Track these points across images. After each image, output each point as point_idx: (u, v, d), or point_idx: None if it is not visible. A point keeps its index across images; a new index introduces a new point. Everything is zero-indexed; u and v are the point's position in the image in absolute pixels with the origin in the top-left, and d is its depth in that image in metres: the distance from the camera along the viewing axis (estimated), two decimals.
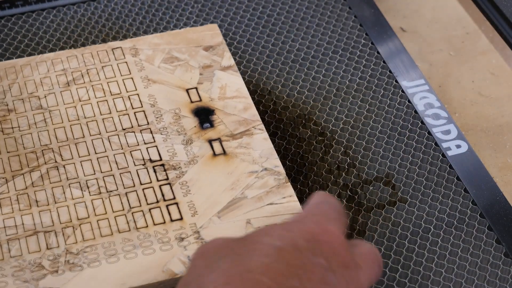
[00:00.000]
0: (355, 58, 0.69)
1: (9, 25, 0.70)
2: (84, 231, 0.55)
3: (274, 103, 0.65)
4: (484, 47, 0.75)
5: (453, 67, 0.73)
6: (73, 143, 0.60)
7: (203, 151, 0.59)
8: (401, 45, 0.70)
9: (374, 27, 0.71)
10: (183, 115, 0.62)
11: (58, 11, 0.72)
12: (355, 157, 0.62)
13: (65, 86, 0.64)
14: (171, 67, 0.65)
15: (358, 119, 0.64)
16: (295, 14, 0.72)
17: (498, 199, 0.59)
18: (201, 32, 0.68)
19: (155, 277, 0.53)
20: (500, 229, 0.57)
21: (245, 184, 0.58)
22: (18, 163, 0.59)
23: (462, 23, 0.77)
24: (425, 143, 0.63)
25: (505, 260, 0.56)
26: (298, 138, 0.63)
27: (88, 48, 0.66)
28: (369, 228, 0.58)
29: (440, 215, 0.58)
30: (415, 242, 0.57)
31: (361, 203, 0.59)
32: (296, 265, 0.44)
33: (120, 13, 0.72)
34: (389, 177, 0.61)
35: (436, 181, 0.60)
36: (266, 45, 0.70)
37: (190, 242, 0.54)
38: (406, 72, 0.68)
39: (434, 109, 0.65)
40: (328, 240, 0.46)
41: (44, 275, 0.53)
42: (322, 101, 0.66)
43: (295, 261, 0.44)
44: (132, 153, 0.59)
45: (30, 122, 0.61)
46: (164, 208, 0.56)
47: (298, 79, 0.67)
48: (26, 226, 0.55)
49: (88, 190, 0.57)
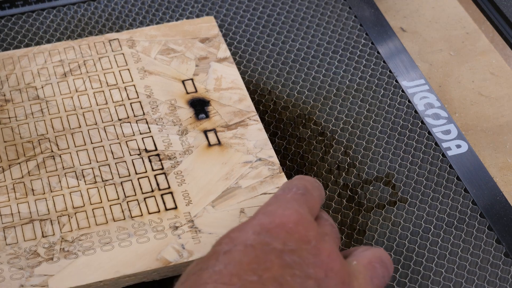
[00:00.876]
0: (355, 58, 0.69)
1: (9, 25, 0.70)
2: (80, 219, 0.56)
3: (274, 103, 0.65)
4: (484, 47, 0.75)
5: (453, 67, 0.73)
6: (69, 133, 0.61)
7: (198, 141, 0.60)
8: (401, 45, 0.70)
9: (374, 27, 0.71)
10: (179, 106, 0.62)
11: (58, 11, 0.72)
12: (355, 157, 0.62)
13: (62, 77, 0.64)
14: (168, 58, 0.66)
15: (358, 119, 0.64)
16: (295, 14, 0.72)
17: (498, 199, 0.59)
18: (198, 24, 0.68)
19: (149, 265, 0.53)
20: (500, 229, 0.57)
21: (239, 174, 0.58)
22: (15, 152, 0.59)
23: (462, 23, 0.77)
24: (425, 143, 0.63)
25: (505, 260, 0.56)
26: (298, 138, 0.63)
27: (85, 40, 0.67)
28: (369, 228, 0.58)
29: (440, 215, 0.58)
30: (415, 242, 0.57)
31: (361, 203, 0.59)
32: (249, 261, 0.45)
33: (120, 13, 0.72)
34: (389, 177, 0.61)
35: (436, 181, 0.60)
36: (266, 45, 0.70)
37: (184, 230, 0.55)
38: (406, 72, 0.68)
39: (434, 109, 0.65)
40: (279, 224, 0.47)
41: (39, 262, 0.53)
42: (322, 101, 0.66)
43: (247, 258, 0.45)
44: (128, 143, 0.60)
45: (27, 112, 0.62)
46: (159, 197, 0.57)
47: (298, 79, 0.67)
48: (22, 214, 0.56)
49: (83, 179, 0.58)
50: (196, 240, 0.54)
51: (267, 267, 0.45)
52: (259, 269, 0.45)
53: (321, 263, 0.46)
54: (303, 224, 0.47)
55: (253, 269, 0.44)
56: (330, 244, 0.47)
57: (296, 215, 0.47)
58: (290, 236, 0.46)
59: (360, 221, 0.58)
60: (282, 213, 0.47)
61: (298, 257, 0.45)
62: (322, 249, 0.46)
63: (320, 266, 0.46)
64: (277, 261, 0.45)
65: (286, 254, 0.45)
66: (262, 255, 0.45)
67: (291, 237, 0.46)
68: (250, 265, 0.45)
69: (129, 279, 0.53)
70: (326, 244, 0.47)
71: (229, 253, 0.45)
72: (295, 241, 0.46)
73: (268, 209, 0.48)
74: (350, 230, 0.58)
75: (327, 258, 0.46)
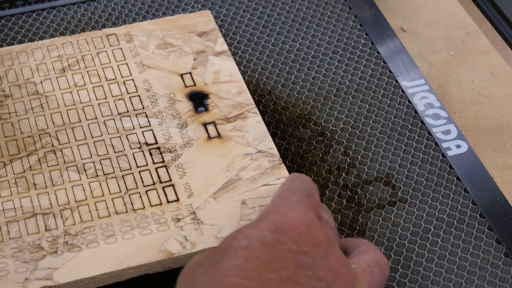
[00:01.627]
0: (355, 58, 0.69)
1: (9, 25, 0.71)
2: (82, 212, 0.56)
3: (274, 103, 0.65)
4: (484, 47, 0.75)
5: (453, 67, 0.73)
6: (69, 128, 0.61)
7: (198, 134, 0.60)
8: (401, 45, 0.70)
9: (374, 27, 0.71)
10: (178, 99, 0.62)
11: (58, 11, 0.72)
12: (355, 157, 0.62)
13: (61, 72, 0.64)
14: (165, 52, 0.66)
15: (358, 119, 0.64)
16: (295, 14, 0.72)
17: (498, 199, 0.59)
18: (194, 18, 0.68)
19: (152, 257, 0.53)
20: (500, 229, 0.57)
21: (240, 166, 0.58)
22: (16, 147, 0.59)
23: (462, 23, 0.77)
24: (425, 143, 0.63)
25: (505, 260, 0.56)
26: (298, 138, 0.63)
27: (83, 35, 0.67)
28: (369, 228, 0.58)
29: (440, 215, 0.58)
30: (415, 242, 0.57)
31: (361, 203, 0.59)
32: (267, 258, 0.45)
33: (120, 13, 0.72)
34: (389, 177, 0.61)
35: (436, 181, 0.60)
36: (266, 45, 0.70)
37: (186, 222, 0.55)
38: (406, 72, 0.68)
39: (434, 109, 0.65)
40: (293, 225, 0.48)
41: (43, 256, 0.53)
42: (322, 101, 0.66)
43: (265, 255, 0.46)
44: (128, 136, 0.60)
45: (26, 107, 0.62)
46: (160, 190, 0.57)
47: (298, 79, 0.67)
48: (25, 208, 0.56)
49: (85, 173, 0.58)
50: (199, 232, 0.54)
51: (283, 266, 0.45)
52: (277, 267, 0.45)
53: (330, 266, 0.47)
54: (314, 228, 0.48)
55: (272, 267, 0.45)
56: (337, 248, 0.49)
57: (307, 218, 0.48)
58: (303, 238, 0.47)
59: (360, 221, 0.58)
60: (294, 215, 0.48)
61: (310, 259, 0.47)
62: (331, 253, 0.48)
63: (330, 270, 0.47)
64: (292, 261, 0.46)
65: (300, 255, 0.46)
66: (279, 253, 0.46)
67: (304, 239, 0.47)
68: (269, 263, 0.45)
69: (133, 271, 0.53)
70: (334, 248, 0.48)
71: (248, 249, 0.46)
72: (308, 244, 0.47)
73: (279, 209, 0.49)
74: (350, 231, 0.58)
75: (336, 262, 0.47)
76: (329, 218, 0.52)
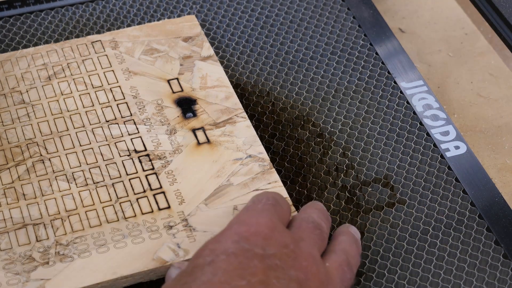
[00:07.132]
0: (354, 59, 0.69)
1: (7, 26, 0.70)
2: (73, 222, 0.55)
3: (273, 104, 0.65)
4: (483, 48, 0.75)
5: (452, 68, 0.73)
6: (57, 136, 0.61)
7: (187, 140, 0.60)
8: (400, 46, 0.70)
9: (372, 28, 0.71)
10: (166, 105, 0.62)
11: (56, 12, 0.72)
12: (354, 158, 0.62)
13: (47, 80, 0.64)
14: (151, 58, 0.66)
15: (356, 120, 0.64)
16: (294, 15, 0.72)
17: (496, 200, 0.59)
18: (179, 23, 0.68)
19: (145, 265, 0.53)
20: (498, 231, 0.57)
21: (231, 171, 0.58)
22: (3, 157, 0.59)
23: (461, 24, 0.77)
24: (424, 144, 0.62)
25: (504, 262, 0.56)
26: (297, 139, 0.63)
27: (67, 42, 0.67)
28: (367, 229, 0.58)
29: (438, 216, 0.58)
30: (414, 244, 0.57)
31: (359, 204, 0.59)
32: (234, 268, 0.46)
33: (118, 14, 0.72)
34: (388, 178, 0.61)
35: (435, 182, 0.60)
36: (264, 46, 0.70)
37: (178, 230, 0.55)
38: (404, 73, 0.68)
39: (433, 110, 0.65)
40: (255, 232, 0.49)
41: (35, 267, 0.53)
42: (321, 102, 0.66)
43: (232, 266, 0.46)
44: (117, 144, 0.60)
45: (13, 116, 0.62)
46: (151, 197, 0.57)
47: (297, 80, 0.67)
48: (15, 219, 0.56)
49: (74, 182, 0.58)
50: (191, 239, 0.54)
51: (252, 272, 0.46)
52: (246, 274, 0.46)
53: (300, 266, 0.48)
54: (278, 230, 0.49)
55: (240, 275, 0.46)
56: (307, 247, 0.50)
57: (270, 223, 0.49)
58: (267, 241, 0.48)
59: (359, 223, 0.58)
60: (256, 221, 0.49)
61: (279, 261, 0.47)
62: (299, 253, 0.49)
63: (300, 269, 0.48)
64: (260, 266, 0.47)
65: (267, 258, 0.47)
66: (246, 261, 0.47)
67: (269, 243, 0.48)
68: (236, 271, 0.46)
69: (127, 280, 0.53)
70: (303, 248, 0.49)
71: (213, 263, 0.47)
72: (273, 246, 0.48)
73: (241, 218, 0.50)
74: None
75: (305, 261, 0.48)
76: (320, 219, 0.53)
